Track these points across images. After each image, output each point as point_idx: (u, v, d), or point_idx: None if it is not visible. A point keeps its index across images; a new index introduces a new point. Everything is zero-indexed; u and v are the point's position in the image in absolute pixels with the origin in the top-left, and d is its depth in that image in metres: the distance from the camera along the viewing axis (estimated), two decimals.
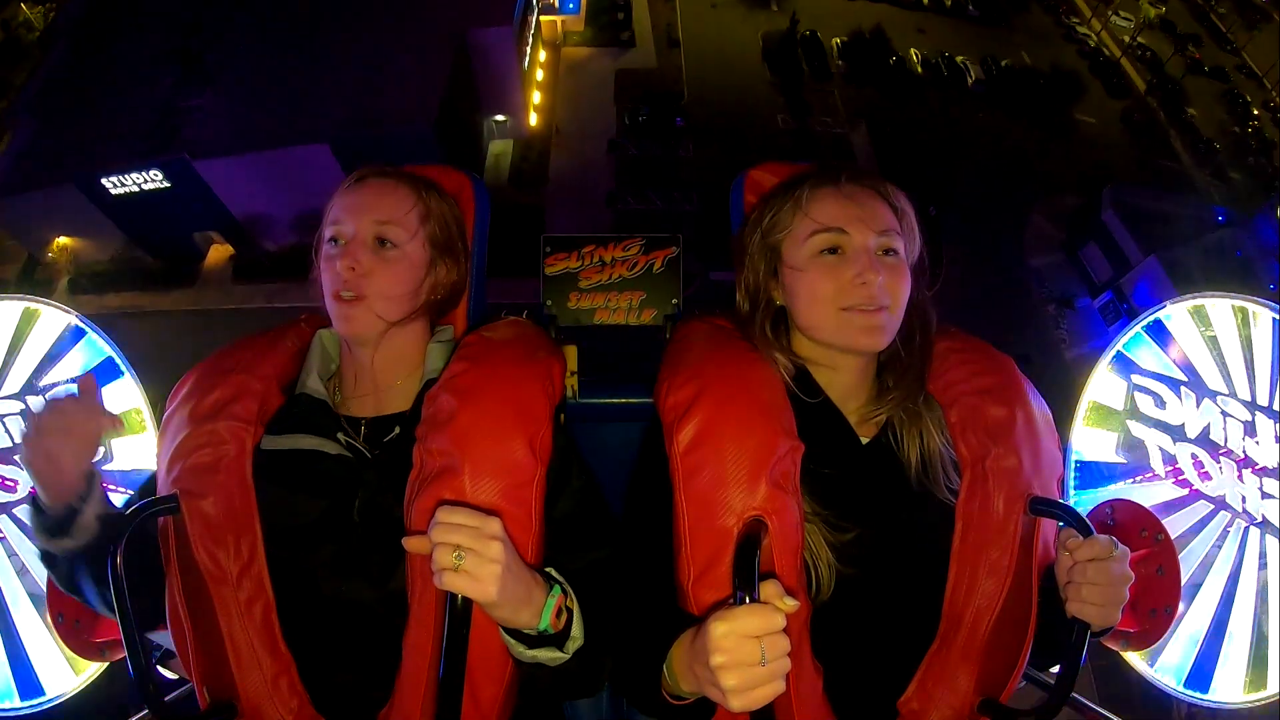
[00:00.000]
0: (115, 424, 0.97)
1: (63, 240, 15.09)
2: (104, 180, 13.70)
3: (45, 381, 1.32)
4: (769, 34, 23.49)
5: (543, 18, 19.98)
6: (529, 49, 18.49)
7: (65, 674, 1.31)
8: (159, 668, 1.14)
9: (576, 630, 0.90)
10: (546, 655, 0.89)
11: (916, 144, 19.86)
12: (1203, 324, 1.27)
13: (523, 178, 17.67)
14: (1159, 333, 1.31)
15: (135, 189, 13.83)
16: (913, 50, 24.51)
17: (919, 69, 23.93)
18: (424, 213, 1.09)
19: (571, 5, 20.76)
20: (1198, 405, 1.26)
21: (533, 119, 18.42)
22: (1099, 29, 29.10)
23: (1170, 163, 23.01)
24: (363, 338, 1.06)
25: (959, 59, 24.85)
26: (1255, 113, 26.28)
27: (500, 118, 17.63)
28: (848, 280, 0.98)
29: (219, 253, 15.95)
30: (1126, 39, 28.72)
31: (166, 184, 13.84)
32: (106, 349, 1.35)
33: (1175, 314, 1.29)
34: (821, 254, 1.00)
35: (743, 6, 24.73)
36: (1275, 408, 1.20)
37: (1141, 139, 23.69)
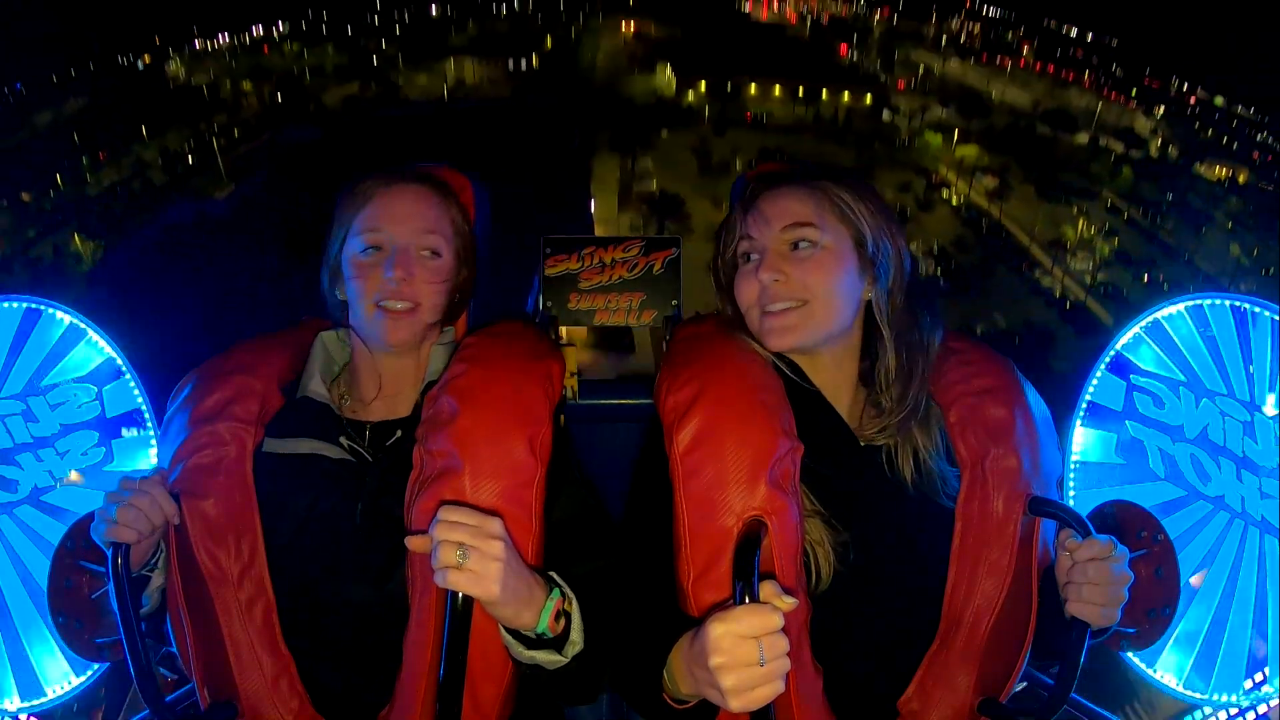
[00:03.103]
0: (175, 512, 1.00)
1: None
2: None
3: (47, 381, 1.32)
4: None
5: None
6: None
7: (65, 674, 1.31)
8: (159, 668, 1.14)
9: (576, 634, 0.90)
10: (545, 657, 0.89)
11: None
12: (1201, 324, 1.27)
13: None
14: (1157, 333, 1.31)
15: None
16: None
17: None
18: (454, 219, 1.10)
19: None
20: (1196, 405, 1.26)
21: None
22: (1061, 276, 32.00)
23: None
24: (404, 346, 1.07)
25: None
26: None
27: None
28: (757, 284, 1.01)
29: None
30: (1088, 280, 31.58)
31: None
32: (108, 349, 1.35)
33: (1174, 314, 1.29)
34: (744, 264, 1.04)
35: None
36: (1274, 408, 1.20)
37: None
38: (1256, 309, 1.23)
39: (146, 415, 1.35)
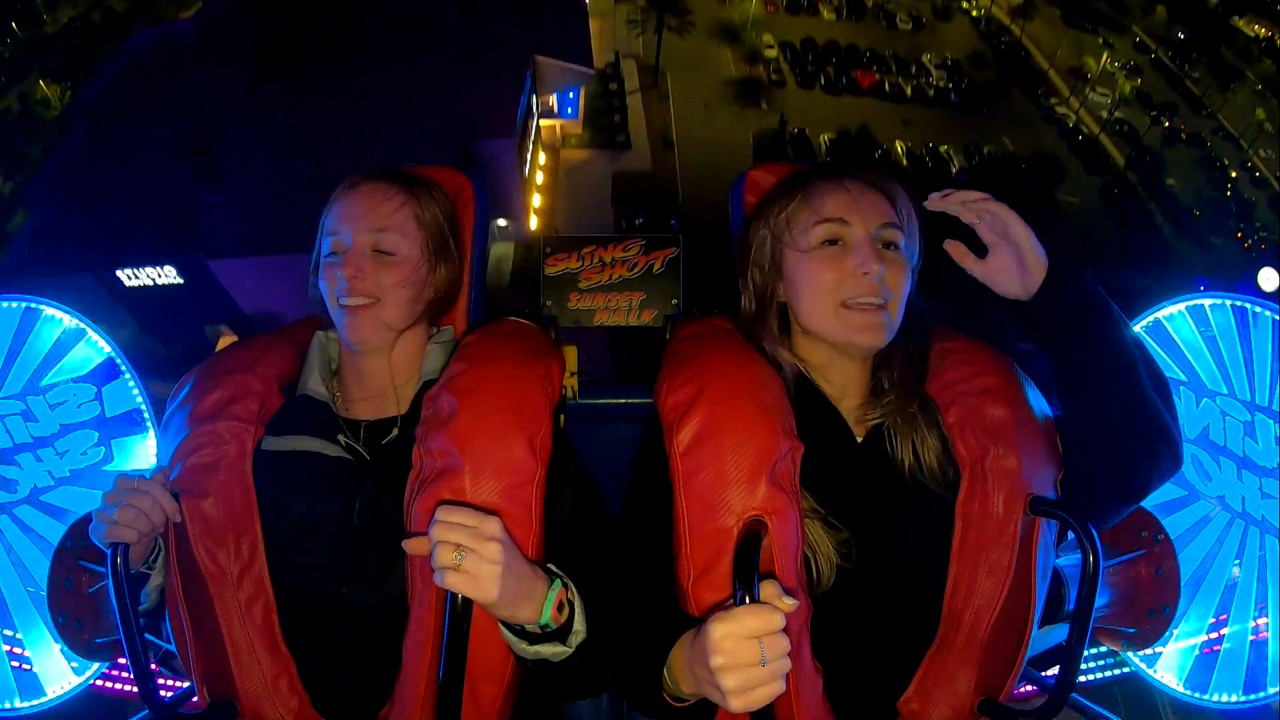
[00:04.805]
0: (175, 511, 0.99)
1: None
2: (118, 273, 13.95)
3: (46, 381, 1.32)
4: (759, 133, 24.51)
5: (542, 122, 20.43)
6: (529, 154, 18.74)
7: (65, 674, 1.31)
8: (159, 668, 1.14)
9: (579, 624, 0.90)
10: (550, 650, 0.89)
11: None
12: (1202, 324, 1.27)
13: (524, 280, 17.81)
14: (1158, 333, 1.31)
15: (149, 283, 14.11)
16: (898, 143, 25.43)
17: (904, 161, 24.86)
18: (419, 216, 1.09)
19: (570, 110, 21.29)
20: (1197, 405, 1.26)
21: (533, 223, 18.76)
22: (1077, 107, 29.91)
23: (1152, 235, 23.92)
24: (370, 344, 1.06)
25: (943, 149, 25.75)
26: (1233, 175, 27.03)
27: (502, 222, 17.88)
28: (849, 270, 0.98)
29: (229, 344, 16.11)
30: (1104, 115, 29.49)
31: (180, 280, 14.14)
32: (107, 349, 1.35)
33: (1174, 314, 1.29)
34: (823, 245, 1.00)
35: (734, 107, 25.85)
36: (1274, 408, 1.20)
37: (1122, 214, 24.54)
38: (1257, 309, 1.23)
39: (146, 415, 1.35)
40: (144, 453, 1.35)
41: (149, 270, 13.96)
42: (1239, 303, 1.24)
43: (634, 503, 1.05)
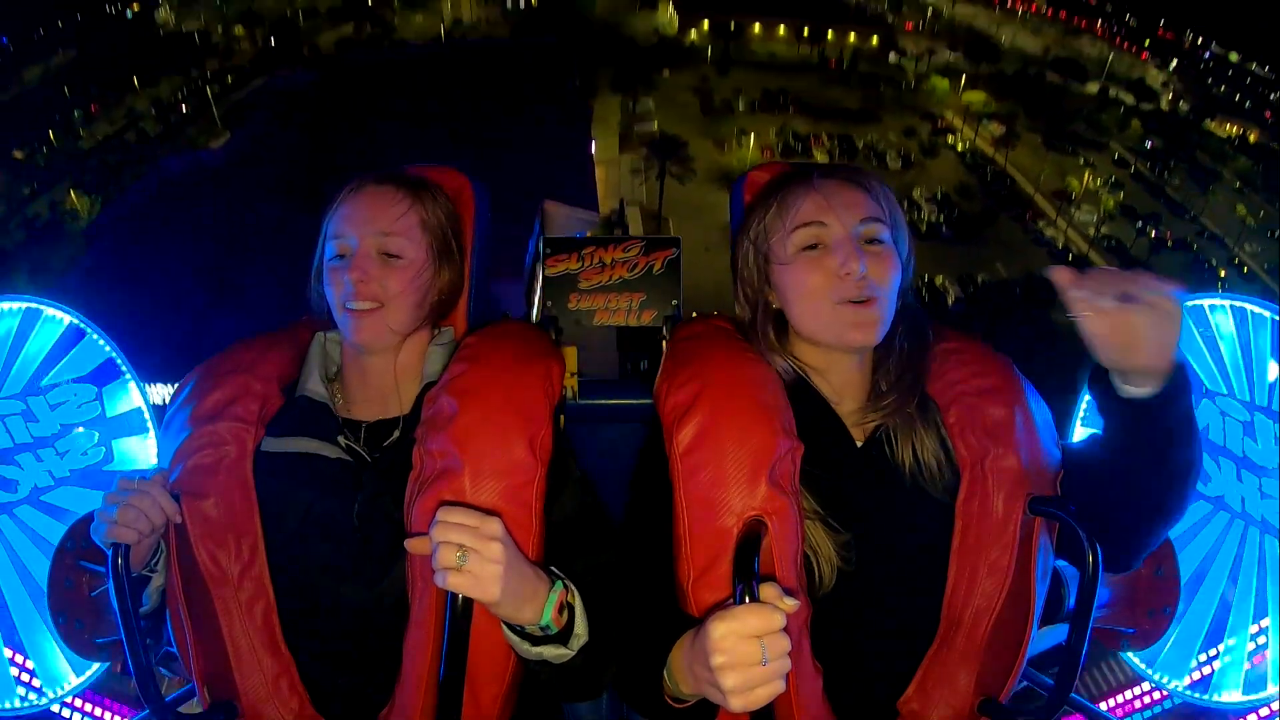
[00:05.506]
0: (175, 511, 1.00)
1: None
2: None
3: (47, 381, 1.32)
4: None
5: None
6: (536, 298, 18.91)
7: (65, 674, 1.31)
8: (159, 668, 1.14)
9: (580, 627, 0.90)
10: (552, 653, 0.90)
11: None
12: (1201, 324, 1.27)
13: None
14: None
15: (158, 401, 14.23)
16: None
17: None
18: (424, 219, 1.09)
19: None
20: (1196, 405, 1.26)
21: None
22: (1065, 227, 31.37)
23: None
24: (375, 347, 1.07)
25: (938, 280, 26.63)
26: (1222, 274, 28.09)
27: None
28: (832, 271, 0.98)
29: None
30: (1091, 231, 30.88)
31: None
32: (107, 349, 1.35)
33: None
34: (805, 250, 1.00)
35: None
36: (1274, 408, 1.20)
37: None
38: (1256, 309, 1.23)
39: (146, 415, 1.35)
40: (144, 453, 1.35)
41: (158, 387, 14.17)
42: (1239, 303, 1.24)
43: (634, 503, 1.05)
